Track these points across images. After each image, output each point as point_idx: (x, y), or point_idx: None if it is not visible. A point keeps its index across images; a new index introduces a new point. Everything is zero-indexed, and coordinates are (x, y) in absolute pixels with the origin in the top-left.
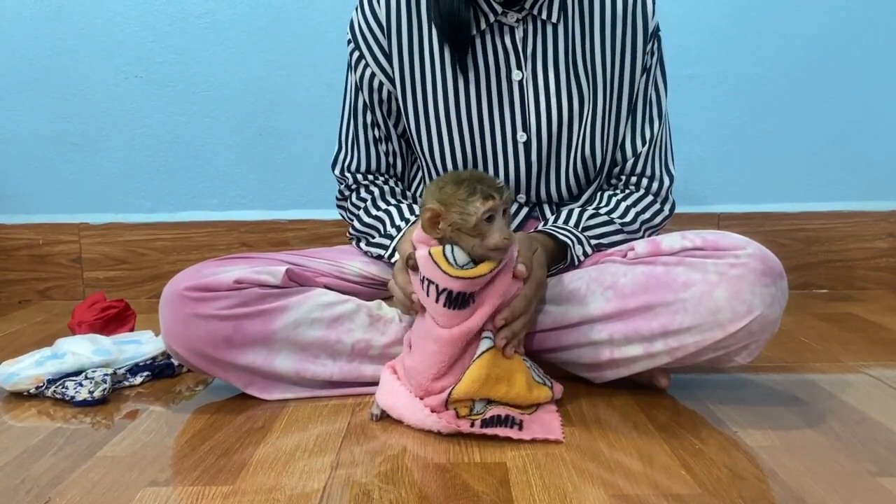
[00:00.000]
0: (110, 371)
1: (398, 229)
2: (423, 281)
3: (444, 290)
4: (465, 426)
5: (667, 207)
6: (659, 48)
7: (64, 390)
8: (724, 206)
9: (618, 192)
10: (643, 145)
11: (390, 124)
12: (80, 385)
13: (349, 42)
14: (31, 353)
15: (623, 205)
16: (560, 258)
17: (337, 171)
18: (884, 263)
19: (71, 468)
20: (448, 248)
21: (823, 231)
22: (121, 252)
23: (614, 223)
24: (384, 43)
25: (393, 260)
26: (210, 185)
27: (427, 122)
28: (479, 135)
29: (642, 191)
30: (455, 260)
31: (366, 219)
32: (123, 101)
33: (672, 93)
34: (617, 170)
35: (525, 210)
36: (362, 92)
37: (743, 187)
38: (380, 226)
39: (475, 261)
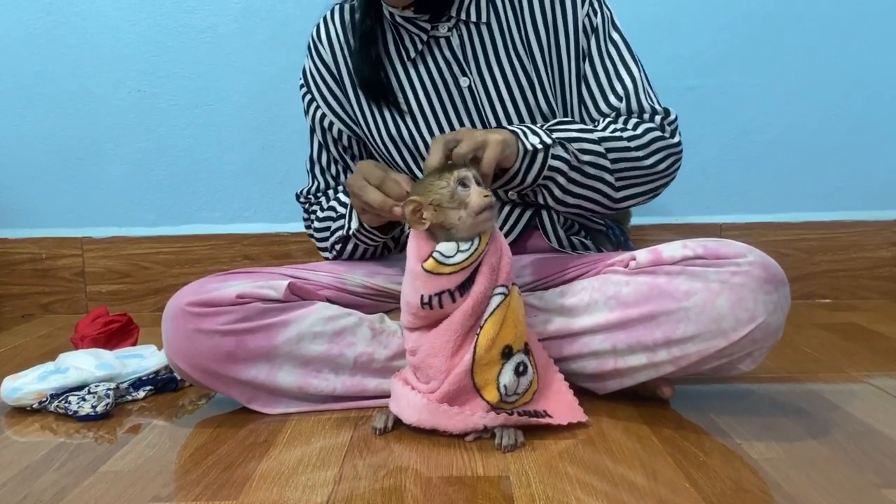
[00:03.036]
0: (113, 385)
1: (345, 205)
2: (430, 302)
3: (457, 287)
4: (506, 418)
5: (667, 133)
6: (601, 7)
7: (67, 405)
8: (726, 217)
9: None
10: (620, 101)
11: (347, 158)
12: (83, 400)
13: (301, 86)
14: (34, 367)
15: (613, 125)
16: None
17: (301, 199)
18: (887, 273)
19: (74, 484)
20: (435, 254)
21: (826, 241)
22: (124, 265)
23: (592, 133)
24: (333, 85)
25: (351, 229)
26: (213, 198)
27: (394, 145)
28: None
29: (635, 118)
30: (446, 257)
31: (321, 214)
32: (126, 114)
33: (673, 104)
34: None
35: (524, 218)
36: (317, 134)
37: (744, 197)
38: (332, 213)
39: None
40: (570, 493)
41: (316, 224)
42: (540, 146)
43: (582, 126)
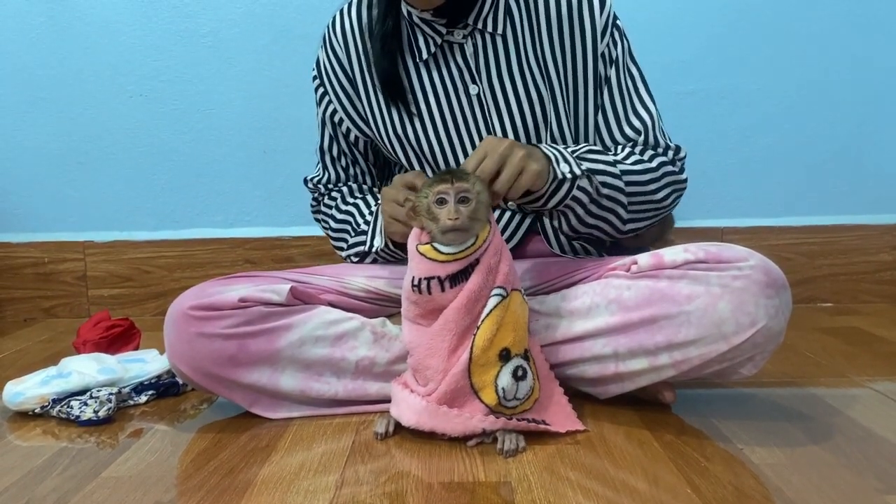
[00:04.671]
0: (115, 390)
1: (367, 221)
2: (419, 285)
3: (448, 276)
4: (505, 422)
5: (677, 168)
6: (621, 39)
7: (69, 410)
8: (728, 221)
9: (628, 148)
10: (638, 135)
11: (356, 151)
12: (85, 404)
13: (314, 78)
14: (36, 372)
15: (634, 156)
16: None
17: (310, 185)
18: (888, 277)
19: (76, 489)
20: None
21: (827, 245)
22: (125, 270)
23: (615, 166)
24: (344, 81)
25: (374, 248)
26: (214, 202)
27: (400, 145)
28: (450, 150)
29: (650, 150)
30: (442, 244)
31: (338, 216)
32: (128, 119)
33: (674, 108)
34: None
35: (526, 223)
36: (327, 126)
37: (746, 201)
38: (350, 219)
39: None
40: (571, 498)
41: (333, 224)
42: (569, 175)
43: (607, 158)
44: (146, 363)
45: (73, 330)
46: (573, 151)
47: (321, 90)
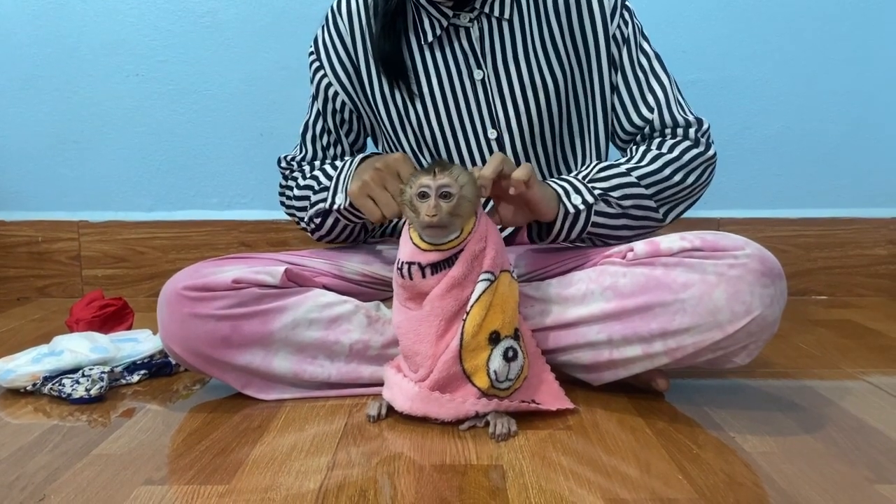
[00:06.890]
0: (107, 369)
1: (330, 178)
2: (402, 268)
3: (428, 264)
4: (498, 403)
5: (702, 147)
6: (631, 18)
7: (60, 387)
8: (724, 212)
9: (644, 145)
10: (651, 112)
11: (342, 133)
12: (77, 382)
13: (310, 53)
14: (28, 350)
15: (651, 152)
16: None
17: (283, 164)
18: (883, 270)
19: (66, 466)
20: None
21: (823, 237)
22: (120, 250)
23: (630, 174)
24: (344, 57)
25: (336, 204)
26: (210, 184)
27: (401, 127)
28: (451, 134)
29: (670, 138)
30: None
31: (302, 182)
32: (124, 99)
33: None
34: (638, 137)
35: None
36: (317, 101)
37: (743, 193)
38: (314, 182)
39: None
40: (562, 483)
41: (296, 192)
42: (583, 206)
43: (620, 169)
44: (139, 343)
45: (66, 310)
46: (584, 176)
47: (316, 64)
